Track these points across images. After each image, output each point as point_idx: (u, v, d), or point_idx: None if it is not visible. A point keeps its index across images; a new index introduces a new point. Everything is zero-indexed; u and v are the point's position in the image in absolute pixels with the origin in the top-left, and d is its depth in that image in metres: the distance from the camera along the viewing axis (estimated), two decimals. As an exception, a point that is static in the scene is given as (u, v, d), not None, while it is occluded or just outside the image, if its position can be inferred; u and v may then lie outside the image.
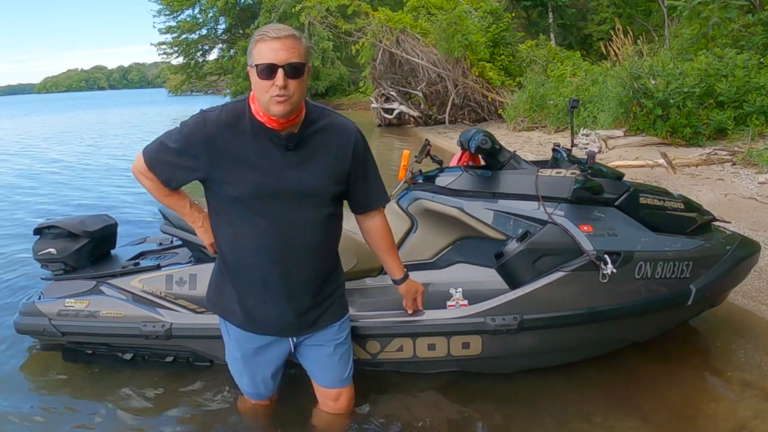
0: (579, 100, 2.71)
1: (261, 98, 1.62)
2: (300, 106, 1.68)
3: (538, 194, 2.32)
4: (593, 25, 20.86)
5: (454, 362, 2.36)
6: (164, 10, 31.50)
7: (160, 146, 1.76)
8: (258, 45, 1.59)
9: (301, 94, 1.63)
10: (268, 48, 1.56)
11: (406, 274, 2.11)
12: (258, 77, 1.59)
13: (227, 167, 1.69)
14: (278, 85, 1.56)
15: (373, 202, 1.94)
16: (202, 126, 1.69)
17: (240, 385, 2.06)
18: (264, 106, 1.63)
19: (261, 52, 1.58)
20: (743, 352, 2.62)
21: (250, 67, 1.62)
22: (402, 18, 14.54)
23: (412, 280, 2.14)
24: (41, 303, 2.51)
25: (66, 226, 2.59)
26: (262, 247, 1.75)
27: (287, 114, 1.63)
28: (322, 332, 1.94)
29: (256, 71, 1.58)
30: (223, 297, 1.90)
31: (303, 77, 1.61)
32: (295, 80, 1.59)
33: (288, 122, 1.67)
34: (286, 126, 1.68)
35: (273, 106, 1.60)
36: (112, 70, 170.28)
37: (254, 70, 1.59)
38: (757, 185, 5.20)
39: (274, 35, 1.57)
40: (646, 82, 7.58)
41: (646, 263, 2.25)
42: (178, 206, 1.91)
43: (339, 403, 2.05)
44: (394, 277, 2.10)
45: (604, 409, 2.22)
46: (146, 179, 1.81)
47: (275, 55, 1.55)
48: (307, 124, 1.72)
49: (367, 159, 1.87)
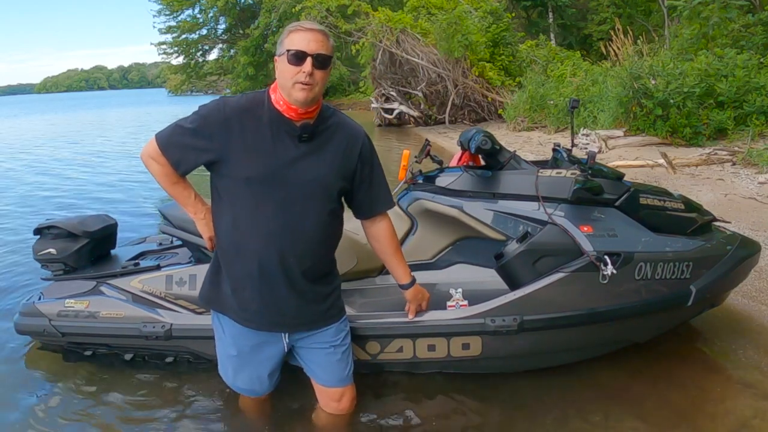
0: (579, 100, 2.71)
1: (285, 84, 1.71)
2: (319, 98, 1.77)
3: (538, 195, 2.32)
4: (593, 25, 20.86)
5: (454, 363, 2.35)
6: (164, 10, 31.56)
7: (176, 128, 1.80)
8: (291, 35, 1.71)
9: (323, 86, 1.74)
10: (301, 37, 1.68)
11: (413, 280, 2.12)
12: (287, 63, 1.69)
13: (240, 149, 1.75)
14: (306, 71, 1.66)
15: (379, 206, 1.98)
16: (222, 108, 1.77)
17: (233, 382, 2.05)
18: (287, 92, 1.71)
19: (293, 41, 1.69)
20: (743, 352, 2.62)
21: (278, 56, 1.73)
22: (402, 18, 14.55)
23: (419, 285, 2.16)
24: (41, 303, 2.51)
25: (66, 226, 2.59)
26: (265, 231, 1.77)
27: (308, 102, 1.72)
28: (320, 334, 1.95)
29: (286, 56, 1.68)
30: (219, 292, 1.91)
31: (327, 69, 1.73)
32: (321, 71, 1.70)
33: (306, 114, 1.75)
34: (303, 117, 1.75)
35: (296, 92, 1.69)
36: (112, 70, 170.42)
37: (283, 56, 1.70)
38: (757, 185, 5.20)
39: (308, 27, 1.71)
40: (646, 82, 7.58)
41: (646, 264, 2.25)
42: (183, 196, 1.92)
43: (342, 404, 2.05)
44: (401, 282, 2.11)
45: (604, 409, 2.22)
46: (156, 164, 1.82)
47: (307, 45, 1.67)
48: (320, 120, 1.81)
49: (374, 163, 1.93)
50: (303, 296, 1.87)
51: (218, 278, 1.91)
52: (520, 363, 2.41)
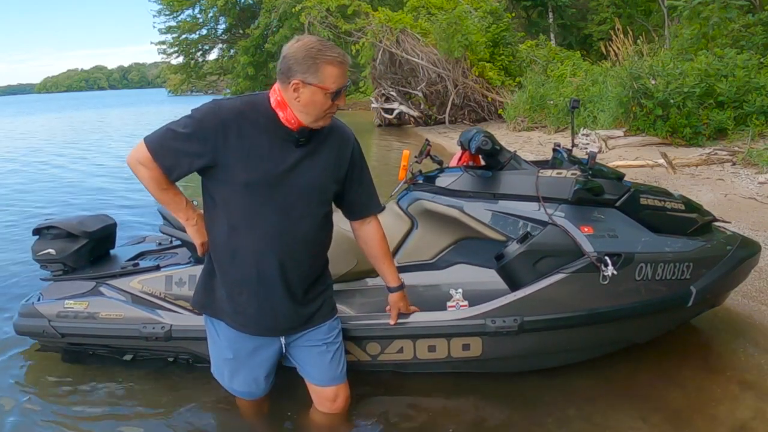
0: (579, 100, 2.70)
1: (314, 113, 1.71)
2: None
3: (538, 195, 2.31)
4: (593, 25, 20.85)
5: (455, 364, 2.35)
6: (164, 10, 31.51)
7: (167, 133, 1.73)
8: (327, 67, 1.67)
9: None
10: (339, 73, 1.69)
11: (402, 284, 2.12)
12: (325, 96, 1.69)
13: (237, 153, 1.71)
14: (340, 104, 1.72)
15: (369, 208, 2.00)
16: (217, 111, 1.73)
17: (230, 385, 2.04)
18: (311, 118, 1.72)
19: (332, 76, 1.67)
20: (743, 352, 2.62)
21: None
22: (402, 18, 14.55)
23: (404, 293, 2.15)
24: (40, 304, 2.50)
25: (65, 226, 2.59)
26: (264, 236, 1.77)
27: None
28: (312, 332, 1.96)
29: (325, 91, 1.68)
30: (212, 297, 1.90)
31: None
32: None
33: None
34: (301, 126, 1.75)
35: (323, 122, 1.74)
36: (112, 70, 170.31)
37: (320, 89, 1.67)
38: (757, 185, 5.20)
39: (342, 60, 1.69)
40: (646, 82, 7.58)
41: (646, 264, 2.25)
42: (174, 202, 1.87)
43: (336, 403, 2.05)
44: (389, 284, 2.12)
45: (604, 409, 2.22)
46: (145, 169, 1.75)
47: (343, 80, 1.70)
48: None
49: (363, 165, 1.96)
50: (297, 299, 1.87)
51: (212, 283, 1.90)
52: (520, 364, 2.40)
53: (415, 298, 2.27)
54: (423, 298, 2.32)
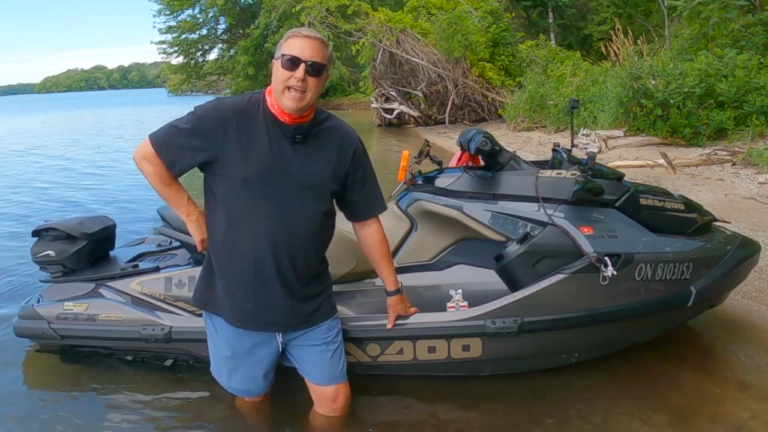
0: (579, 100, 2.71)
1: (277, 88, 1.73)
2: (312, 105, 1.79)
3: (538, 195, 2.31)
4: (593, 25, 20.86)
5: (455, 364, 2.35)
6: (164, 10, 31.54)
7: (171, 129, 1.80)
8: (289, 40, 1.73)
9: (316, 93, 1.75)
10: (297, 44, 1.71)
11: (400, 288, 2.13)
12: (281, 67, 1.71)
13: (237, 149, 1.76)
14: (297, 77, 1.68)
15: (371, 209, 2.00)
16: (218, 108, 1.79)
17: (227, 383, 2.05)
18: (278, 95, 1.73)
19: (290, 46, 1.71)
20: (743, 353, 2.62)
21: (275, 59, 1.74)
22: (402, 18, 14.56)
23: (404, 296, 2.16)
24: (40, 306, 2.50)
25: (64, 228, 2.58)
26: (261, 231, 1.79)
27: (299, 110, 1.74)
28: (312, 331, 1.96)
29: (281, 61, 1.71)
30: (213, 293, 1.92)
31: (321, 77, 1.75)
32: (314, 78, 1.72)
33: (299, 118, 1.78)
34: (296, 121, 1.78)
35: (286, 99, 1.71)
36: (112, 70, 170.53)
37: (279, 60, 1.72)
38: (757, 185, 5.20)
39: (306, 34, 1.72)
40: (646, 82, 7.58)
41: (646, 265, 2.25)
42: (176, 198, 1.92)
43: (337, 403, 2.05)
44: (388, 288, 2.12)
45: (604, 409, 2.21)
46: (149, 165, 1.82)
47: (302, 51, 1.70)
48: (314, 122, 1.83)
49: (366, 166, 1.96)
50: (295, 296, 1.88)
51: (212, 280, 1.92)
52: (520, 364, 2.40)
53: (414, 298, 2.26)
54: (423, 298, 2.32)
